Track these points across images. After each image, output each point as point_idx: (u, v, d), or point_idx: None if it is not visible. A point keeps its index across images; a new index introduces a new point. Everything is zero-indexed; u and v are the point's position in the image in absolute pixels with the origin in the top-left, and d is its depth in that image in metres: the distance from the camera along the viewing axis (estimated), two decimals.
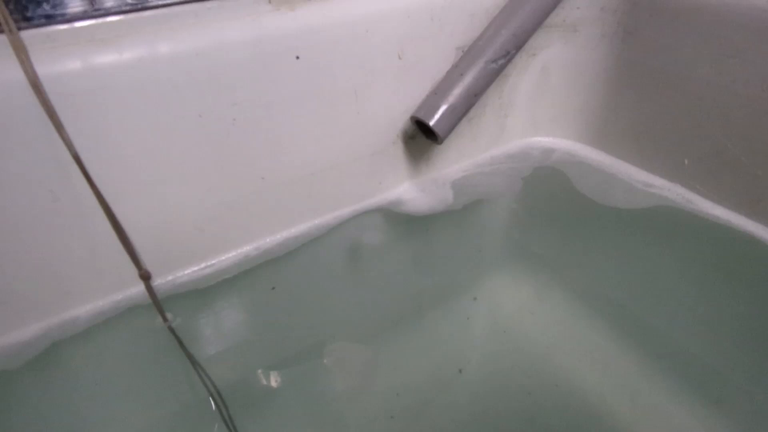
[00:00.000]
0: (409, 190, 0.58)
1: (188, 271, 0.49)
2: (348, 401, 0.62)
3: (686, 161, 0.51)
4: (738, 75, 0.45)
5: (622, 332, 0.62)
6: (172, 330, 0.48)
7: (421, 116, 0.48)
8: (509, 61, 0.49)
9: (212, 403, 0.54)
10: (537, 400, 0.61)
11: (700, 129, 0.50)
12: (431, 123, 0.48)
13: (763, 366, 0.51)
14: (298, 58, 0.42)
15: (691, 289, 0.54)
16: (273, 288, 0.55)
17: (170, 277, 0.49)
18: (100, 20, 0.37)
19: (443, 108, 0.48)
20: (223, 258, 0.51)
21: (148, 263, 0.45)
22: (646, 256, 0.57)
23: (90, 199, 0.38)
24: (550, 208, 0.64)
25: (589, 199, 0.58)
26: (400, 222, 0.58)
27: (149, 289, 0.42)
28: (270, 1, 0.41)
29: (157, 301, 0.44)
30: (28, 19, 0.36)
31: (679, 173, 0.53)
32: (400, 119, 0.51)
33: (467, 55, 0.49)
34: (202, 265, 0.50)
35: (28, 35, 0.36)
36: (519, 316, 0.68)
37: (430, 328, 0.67)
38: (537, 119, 0.61)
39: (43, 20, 0.37)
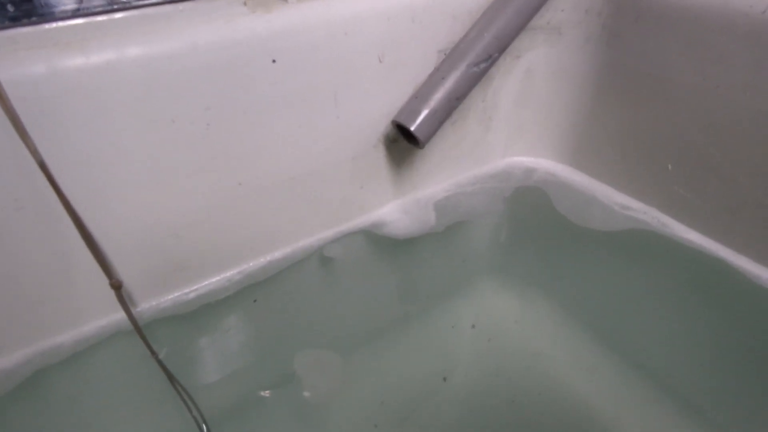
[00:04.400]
0: (392, 211, 0.57)
1: (171, 296, 0.49)
2: (333, 411, 0.61)
3: (670, 166, 0.50)
4: (722, 80, 0.45)
5: (604, 343, 0.62)
6: (155, 355, 0.47)
7: (402, 120, 0.48)
8: (492, 64, 0.49)
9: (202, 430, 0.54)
10: (521, 407, 0.61)
11: (683, 138, 0.49)
12: (412, 128, 0.47)
13: (729, 378, 0.51)
14: (274, 61, 0.41)
15: (666, 306, 0.55)
16: (255, 300, 0.54)
17: (153, 302, 0.48)
18: (65, 23, 0.36)
19: (424, 112, 0.47)
20: (206, 282, 0.50)
21: (127, 280, 0.44)
22: (623, 275, 0.58)
23: (59, 210, 0.37)
24: (531, 227, 0.65)
25: (568, 220, 0.59)
26: (384, 243, 0.58)
27: (120, 299, 0.41)
28: (245, 3, 0.40)
29: (129, 312, 0.43)
30: None
31: (656, 197, 0.54)
32: (381, 123, 0.50)
33: (449, 59, 0.48)
34: (186, 290, 0.49)
35: None
36: (503, 327, 0.68)
37: (414, 338, 0.67)
38: (521, 125, 0.60)
39: (6, 22, 0.35)
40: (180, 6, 0.39)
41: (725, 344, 0.51)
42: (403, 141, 0.52)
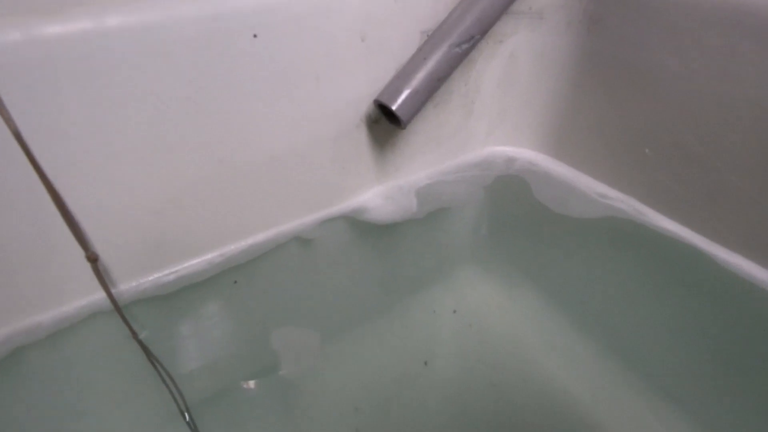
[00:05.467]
0: (374, 197, 0.58)
1: (151, 278, 0.48)
2: (314, 394, 0.61)
3: (647, 151, 0.51)
4: (699, 67, 0.46)
5: (583, 328, 0.63)
6: (135, 335, 0.47)
7: (384, 100, 0.48)
8: (473, 46, 0.49)
9: (184, 414, 0.53)
10: (501, 391, 0.61)
11: (661, 126, 0.50)
12: (394, 107, 0.47)
13: (700, 361, 0.53)
14: (255, 36, 0.41)
15: (642, 292, 0.56)
16: (235, 282, 0.54)
17: (133, 283, 0.47)
18: None
19: (406, 92, 0.47)
20: (187, 264, 0.50)
21: (105, 257, 0.43)
22: (602, 262, 0.59)
23: (34, 181, 0.37)
24: (512, 215, 0.67)
25: (548, 208, 0.60)
26: (366, 229, 0.59)
27: (97, 273, 0.40)
28: None
29: (107, 288, 0.42)
30: None
31: (634, 185, 0.55)
32: (363, 103, 0.50)
33: (431, 39, 0.49)
34: (166, 271, 0.49)
35: None
36: (484, 312, 0.69)
37: (396, 323, 0.67)
38: (504, 112, 0.60)
39: None
40: None
41: (697, 329, 0.52)
42: (386, 122, 0.52)
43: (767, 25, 0.41)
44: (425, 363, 0.63)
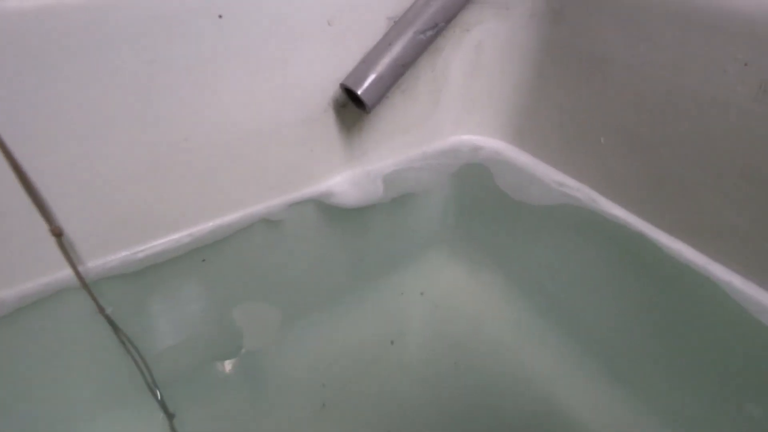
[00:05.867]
0: (341, 182, 0.59)
1: (119, 256, 0.49)
2: (283, 372, 0.63)
3: (602, 140, 0.54)
4: (651, 59, 0.48)
5: (544, 309, 0.67)
6: (102, 310, 0.47)
7: (350, 84, 0.49)
8: (438, 33, 0.50)
9: (154, 391, 0.54)
10: (464, 369, 0.64)
11: (616, 116, 0.52)
12: (359, 91, 0.48)
13: (646, 341, 0.56)
14: (220, 17, 0.42)
15: (596, 276, 0.59)
16: (203, 260, 0.55)
17: (100, 261, 0.48)
18: None
19: (371, 77, 0.48)
20: (155, 243, 0.50)
21: (70, 232, 0.44)
22: (558, 247, 0.62)
23: None
24: (475, 202, 0.69)
25: (508, 196, 0.63)
26: (333, 213, 0.60)
27: (62, 247, 0.41)
28: None
29: (72, 262, 0.43)
30: None
31: (589, 174, 0.58)
32: (330, 87, 0.51)
33: (397, 25, 0.50)
34: (134, 250, 0.50)
35: None
36: (450, 294, 0.71)
37: (364, 304, 0.69)
38: (471, 101, 0.62)
39: None
40: None
41: (644, 312, 0.56)
42: (353, 106, 0.53)
43: (714, 21, 0.43)
44: (392, 342, 0.65)
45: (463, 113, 0.63)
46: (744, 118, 0.43)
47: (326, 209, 0.59)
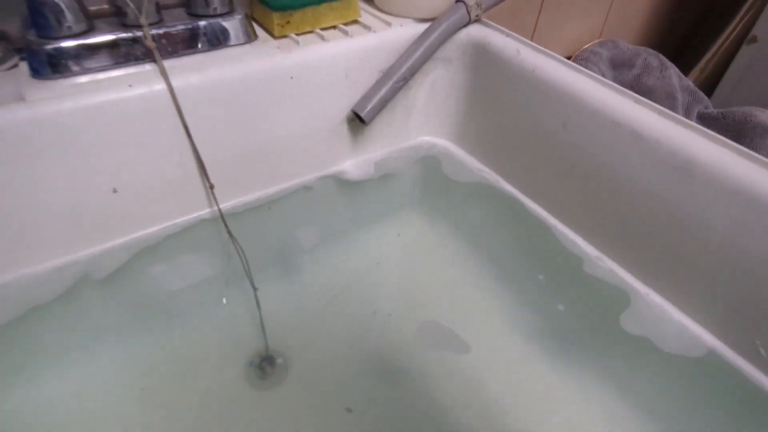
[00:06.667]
0: (349, 166, 0.90)
1: (239, 200, 0.79)
2: (312, 276, 0.89)
3: (501, 142, 0.92)
4: (522, 98, 0.86)
5: (471, 244, 1.02)
6: (228, 231, 0.81)
7: (357, 109, 0.85)
8: (410, 79, 0.87)
9: (249, 277, 0.86)
10: (422, 283, 1.00)
11: (508, 128, 0.89)
12: (362, 114, 0.85)
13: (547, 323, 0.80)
14: (291, 78, 0.78)
15: (495, 224, 0.85)
16: (269, 209, 0.92)
17: (230, 203, 0.77)
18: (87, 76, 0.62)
19: (369, 105, 0.85)
20: (249, 197, 0.81)
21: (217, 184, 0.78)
22: (476, 207, 0.87)
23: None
24: (430, 181, 0.95)
25: (448, 177, 0.90)
26: (344, 184, 0.86)
27: (212, 195, 0.78)
28: (279, 47, 0.77)
29: (216, 203, 0.80)
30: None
31: (495, 163, 0.84)
32: (345, 111, 0.85)
33: (385, 76, 0.86)
34: (242, 199, 0.79)
35: None
36: (418, 236, 0.95)
37: (358, 240, 0.90)
38: (429, 117, 0.97)
39: None
40: (233, 51, 0.76)
41: (542, 290, 0.78)
42: (357, 121, 0.91)
43: (542, 87, 0.82)
44: (378, 263, 1.03)
45: (424, 124, 0.95)
46: (555, 137, 0.81)
47: (340, 182, 0.83)
